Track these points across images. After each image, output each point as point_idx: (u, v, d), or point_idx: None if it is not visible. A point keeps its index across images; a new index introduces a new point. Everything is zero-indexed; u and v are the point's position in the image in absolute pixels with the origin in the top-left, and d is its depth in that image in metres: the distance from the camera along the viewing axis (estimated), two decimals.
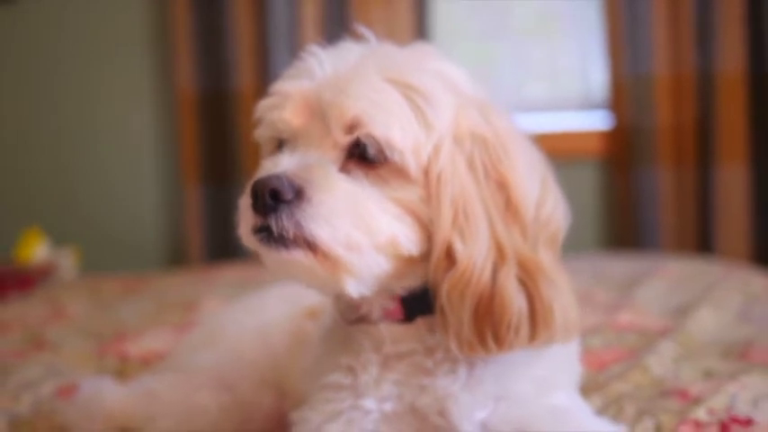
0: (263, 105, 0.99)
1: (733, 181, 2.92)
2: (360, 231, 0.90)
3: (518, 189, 0.94)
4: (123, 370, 1.63)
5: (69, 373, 1.61)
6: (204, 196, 3.11)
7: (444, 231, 0.92)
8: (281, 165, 0.92)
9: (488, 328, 0.92)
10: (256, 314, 1.37)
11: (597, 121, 3.12)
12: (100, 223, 3.24)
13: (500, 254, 0.92)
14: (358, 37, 1.02)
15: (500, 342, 0.92)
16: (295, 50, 3.01)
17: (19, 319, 2.15)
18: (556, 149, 3.32)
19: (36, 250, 2.86)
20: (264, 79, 3.02)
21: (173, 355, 1.47)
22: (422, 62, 0.97)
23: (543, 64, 3.33)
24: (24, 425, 1.35)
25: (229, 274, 2.56)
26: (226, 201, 3.08)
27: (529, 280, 0.93)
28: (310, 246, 0.90)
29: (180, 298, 2.27)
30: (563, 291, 0.95)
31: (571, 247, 2.97)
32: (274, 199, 0.89)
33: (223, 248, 3.08)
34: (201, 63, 3.08)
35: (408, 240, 0.93)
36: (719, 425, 1.13)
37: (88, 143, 3.26)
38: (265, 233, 0.91)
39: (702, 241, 2.97)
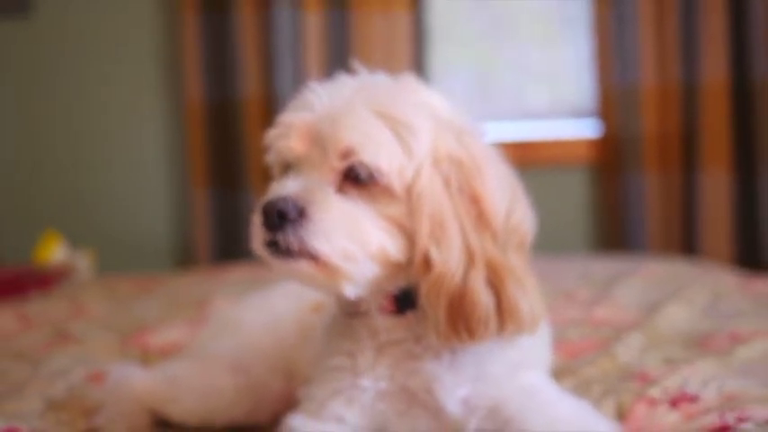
0: (272, 135, 1.14)
1: (716, 186, 3.02)
2: (354, 244, 1.05)
3: (488, 202, 1.08)
4: (145, 360, 1.76)
5: (96, 362, 1.74)
6: (211, 200, 3.20)
7: (422, 241, 1.07)
8: (286, 188, 1.06)
9: (461, 322, 1.06)
10: (266, 309, 1.50)
11: (587, 129, 3.23)
12: (112, 227, 3.34)
13: (470, 259, 1.06)
14: (352, 71, 1.16)
15: (472, 334, 1.07)
16: (298, 61, 3.11)
17: (43, 316, 2.27)
18: (549, 156, 3.40)
19: (54, 252, 2.95)
20: (269, 89, 3.12)
21: (191, 345, 1.61)
22: (406, 95, 1.12)
23: (537, 73, 3.44)
24: (59, 406, 1.48)
25: (236, 274, 2.67)
26: (232, 204, 3.18)
27: (497, 280, 1.07)
28: (312, 257, 1.05)
29: (192, 296, 2.38)
30: (529, 289, 1.09)
31: (562, 248, 3.07)
32: (281, 218, 1.04)
33: (229, 250, 3.17)
34: (209, 74, 3.17)
35: (395, 249, 1.08)
36: (670, 401, 1.28)
37: (101, 151, 3.35)
38: (274, 246, 1.06)
39: (687, 243, 3.07)
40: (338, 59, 3.14)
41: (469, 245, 1.07)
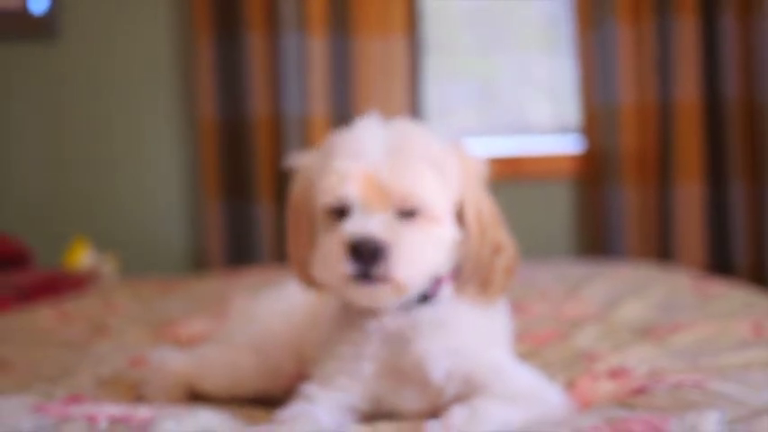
0: (329, 182, 1.34)
1: (690, 198, 3.23)
2: (420, 269, 1.32)
3: (489, 199, 1.41)
4: (177, 348, 1.92)
5: (134, 350, 1.96)
6: (223, 211, 3.38)
7: (492, 235, 1.38)
8: (367, 226, 1.29)
9: (510, 281, 1.41)
10: (281, 301, 1.72)
11: (572, 145, 3.45)
12: (131, 235, 3.54)
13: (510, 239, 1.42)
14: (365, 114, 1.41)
15: (509, 284, 1.42)
16: (303, 82, 3.30)
17: (80, 312, 2.46)
18: (536, 170, 3.64)
19: (82, 257, 3.15)
20: (276, 108, 3.32)
21: (217, 333, 1.83)
22: (426, 138, 1.38)
23: (526, 92, 3.67)
24: (109, 383, 1.70)
25: (249, 276, 2.86)
26: (242, 215, 3.37)
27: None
28: (391, 282, 1.30)
29: (212, 295, 2.59)
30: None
31: (548, 255, 3.31)
32: (373, 253, 1.29)
33: (240, 256, 3.37)
34: (221, 94, 3.35)
35: (443, 266, 1.37)
36: (609, 375, 1.55)
37: (122, 166, 3.56)
38: (361, 276, 1.30)
39: (663, 251, 3.28)
40: (340, 81, 3.37)
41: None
